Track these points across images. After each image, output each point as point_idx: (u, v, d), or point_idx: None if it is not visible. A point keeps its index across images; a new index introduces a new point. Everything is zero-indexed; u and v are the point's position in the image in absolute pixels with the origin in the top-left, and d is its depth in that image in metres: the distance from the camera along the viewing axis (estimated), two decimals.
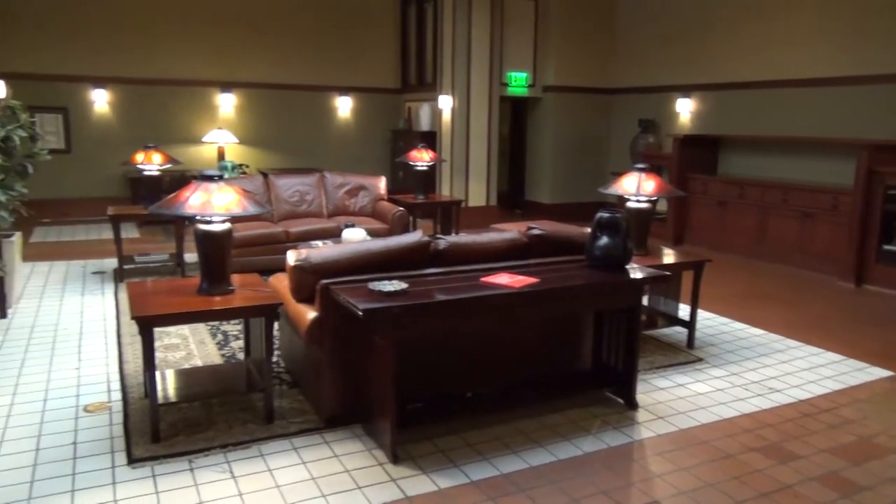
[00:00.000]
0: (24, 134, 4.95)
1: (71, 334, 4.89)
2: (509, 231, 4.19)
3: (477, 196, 10.23)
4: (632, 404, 3.84)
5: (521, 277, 3.50)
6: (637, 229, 4.65)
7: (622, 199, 5.13)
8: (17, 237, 5.63)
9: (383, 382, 3.15)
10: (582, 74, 10.88)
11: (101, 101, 9.84)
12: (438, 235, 4.03)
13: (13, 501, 2.80)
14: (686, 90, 9.62)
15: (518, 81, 10.76)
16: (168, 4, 9.98)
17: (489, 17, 9.85)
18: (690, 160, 9.00)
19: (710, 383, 4.26)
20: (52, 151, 5.85)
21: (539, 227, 4.14)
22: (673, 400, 3.99)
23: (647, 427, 3.64)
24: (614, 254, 3.71)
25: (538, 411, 3.73)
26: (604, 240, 3.72)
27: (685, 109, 9.66)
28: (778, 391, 4.15)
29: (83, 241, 8.41)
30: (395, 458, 3.19)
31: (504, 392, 3.81)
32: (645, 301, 4.92)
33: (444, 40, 9.83)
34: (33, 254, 7.29)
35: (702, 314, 5.49)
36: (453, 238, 3.93)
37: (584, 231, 4.21)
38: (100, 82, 9.76)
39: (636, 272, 3.78)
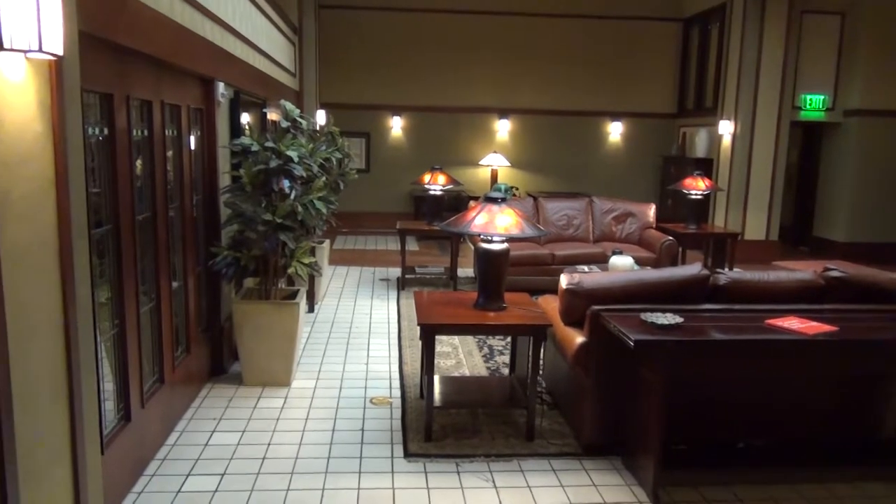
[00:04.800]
0: (339, 156, 5.77)
1: (361, 332, 5.55)
2: (801, 271, 3.79)
3: (755, 229, 9.41)
4: None
5: (814, 323, 3.14)
6: None
7: None
8: (326, 244, 6.58)
9: (649, 418, 3.06)
10: None
11: (396, 126, 11.09)
12: (718, 270, 3.80)
13: (316, 472, 3.27)
14: None
15: (813, 104, 9.71)
16: (454, 39, 10.89)
17: (783, 35, 9.04)
18: None
19: None
20: (357, 171, 6.72)
21: (839, 269, 3.69)
22: None
23: None
24: None
25: (824, 476, 3.31)
26: None
27: None
28: None
29: (373, 250, 9.50)
30: (657, 500, 3.06)
31: (782, 448, 3.45)
32: None
33: (730, 61, 9.29)
34: (335, 259, 8.41)
35: None
36: (736, 274, 3.67)
37: (894, 277, 3.66)
38: (396, 110, 11.01)
39: None
